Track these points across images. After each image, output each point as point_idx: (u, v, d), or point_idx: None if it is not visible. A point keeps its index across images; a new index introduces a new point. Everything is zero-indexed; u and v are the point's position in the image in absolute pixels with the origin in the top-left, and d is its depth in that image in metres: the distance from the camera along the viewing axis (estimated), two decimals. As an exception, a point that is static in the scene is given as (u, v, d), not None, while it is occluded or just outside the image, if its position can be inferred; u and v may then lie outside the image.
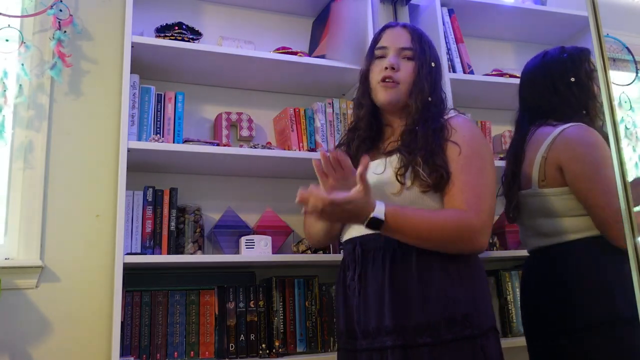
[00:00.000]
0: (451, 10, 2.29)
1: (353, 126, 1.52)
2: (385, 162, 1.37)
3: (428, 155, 1.32)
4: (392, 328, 1.26)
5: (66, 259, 1.80)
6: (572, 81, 1.56)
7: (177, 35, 1.88)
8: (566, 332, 1.46)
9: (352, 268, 1.37)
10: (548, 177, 1.51)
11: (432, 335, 1.24)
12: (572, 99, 1.56)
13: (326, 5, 2.24)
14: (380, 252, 1.33)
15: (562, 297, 1.48)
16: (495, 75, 2.30)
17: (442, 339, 1.23)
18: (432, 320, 1.25)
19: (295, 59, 2.00)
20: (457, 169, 1.32)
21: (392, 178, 1.34)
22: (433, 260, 1.29)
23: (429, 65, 1.43)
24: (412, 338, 1.24)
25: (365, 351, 1.30)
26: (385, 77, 1.41)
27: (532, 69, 1.67)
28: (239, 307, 1.81)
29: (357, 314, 1.33)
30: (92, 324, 1.78)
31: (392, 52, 1.44)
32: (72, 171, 1.87)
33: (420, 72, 1.42)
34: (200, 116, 2.10)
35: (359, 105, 1.50)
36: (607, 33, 1.30)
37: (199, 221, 1.87)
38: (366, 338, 1.30)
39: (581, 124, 1.52)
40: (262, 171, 2.06)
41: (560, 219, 1.51)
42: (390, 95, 1.42)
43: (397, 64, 1.42)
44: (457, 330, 1.24)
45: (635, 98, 2.63)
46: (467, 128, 1.38)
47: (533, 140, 1.58)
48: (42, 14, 1.90)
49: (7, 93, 1.82)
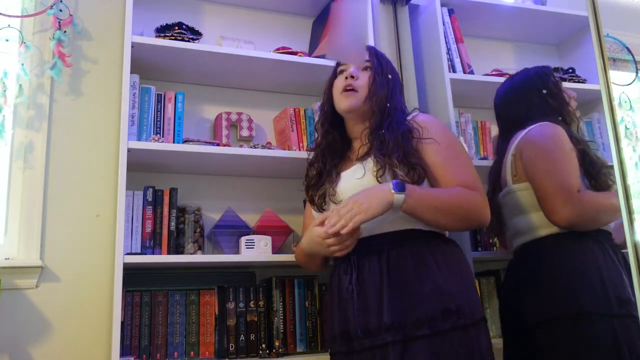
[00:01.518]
0: (451, 10, 2.28)
1: (321, 144, 1.61)
2: (364, 167, 1.45)
3: (402, 155, 1.41)
4: (391, 324, 1.31)
5: (66, 259, 1.80)
6: (545, 93, 1.70)
7: (177, 35, 1.88)
8: (535, 327, 1.52)
9: (349, 273, 1.42)
10: (518, 172, 1.61)
11: (430, 327, 1.29)
12: (548, 108, 1.68)
13: (326, 5, 2.24)
14: (376, 256, 1.39)
15: (532, 294, 1.55)
16: (495, 75, 2.30)
17: (440, 329, 1.29)
18: (430, 312, 1.31)
19: (295, 59, 2.00)
20: (445, 159, 1.43)
21: (372, 180, 1.41)
22: (427, 256, 1.37)
23: (386, 76, 1.55)
24: (411, 331, 1.29)
25: (367, 350, 1.34)
26: (346, 86, 1.54)
27: (504, 92, 1.80)
28: (239, 307, 1.81)
29: (357, 315, 1.37)
30: (92, 324, 1.78)
31: (351, 67, 1.57)
32: (72, 171, 1.87)
33: (375, 80, 1.53)
34: (200, 116, 2.10)
35: (324, 114, 1.62)
36: (607, 33, 1.30)
37: (199, 221, 1.87)
38: (368, 337, 1.34)
39: (547, 123, 1.61)
40: (262, 171, 2.06)
41: (530, 214, 1.59)
42: (351, 101, 1.53)
43: (357, 74, 1.54)
44: (453, 320, 1.30)
45: (635, 98, 2.63)
46: (434, 123, 1.50)
47: (509, 146, 1.68)
48: (42, 14, 1.90)
49: (7, 93, 1.82)
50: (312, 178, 1.58)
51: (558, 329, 1.47)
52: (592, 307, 1.45)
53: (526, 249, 1.62)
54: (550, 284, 1.51)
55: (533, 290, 1.54)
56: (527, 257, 1.61)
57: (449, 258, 1.40)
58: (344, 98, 1.54)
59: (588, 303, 1.45)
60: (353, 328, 1.37)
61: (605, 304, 1.44)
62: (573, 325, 1.45)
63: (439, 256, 1.38)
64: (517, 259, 1.67)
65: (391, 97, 1.53)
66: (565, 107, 1.70)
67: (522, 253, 1.64)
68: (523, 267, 1.62)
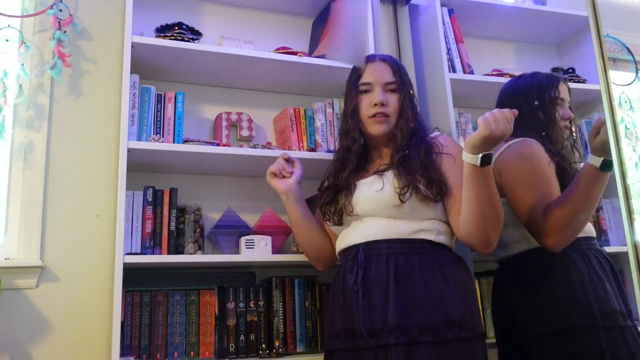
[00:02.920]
0: (451, 10, 2.28)
1: (344, 157, 1.61)
2: (383, 181, 1.48)
3: (425, 172, 1.45)
4: (396, 326, 1.33)
5: (66, 259, 1.80)
6: (536, 104, 1.67)
7: (177, 35, 1.88)
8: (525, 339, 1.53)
9: (354, 272, 1.44)
10: (499, 187, 1.55)
11: (433, 334, 1.33)
12: (533, 122, 1.66)
13: (326, 5, 2.24)
14: (384, 257, 1.43)
15: (520, 307, 1.56)
16: (495, 75, 2.30)
17: (443, 339, 1.33)
18: (434, 321, 1.34)
19: (295, 59, 2.00)
20: (459, 173, 1.42)
21: (392, 196, 1.44)
22: (434, 266, 1.42)
23: (410, 94, 1.59)
24: (414, 336, 1.32)
25: (371, 349, 1.36)
26: (377, 113, 1.54)
27: (503, 92, 1.79)
28: (239, 307, 1.81)
29: (363, 314, 1.39)
30: (92, 324, 1.78)
31: (378, 88, 1.56)
32: (72, 171, 1.87)
33: (404, 103, 1.56)
34: (200, 116, 2.10)
35: (351, 139, 1.59)
36: (607, 33, 1.30)
37: (199, 221, 1.87)
38: (372, 337, 1.36)
39: (526, 139, 1.59)
40: (262, 171, 2.04)
41: (511, 229, 1.57)
42: (383, 128, 1.55)
43: (385, 99, 1.55)
44: (456, 332, 1.34)
45: (635, 98, 2.62)
46: (452, 142, 1.56)
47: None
48: (42, 14, 1.90)
49: (7, 93, 1.82)
50: (327, 196, 1.59)
51: (547, 345, 1.48)
52: (576, 322, 1.45)
53: (511, 263, 1.63)
54: (536, 300, 1.52)
55: (521, 304, 1.56)
56: (511, 272, 1.62)
57: (455, 271, 1.44)
58: (375, 124, 1.55)
59: (573, 318, 1.45)
60: (358, 327, 1.39)
61: (590, 318, 1.45)
62: (559, 340, 1.46)
63: (445, 268, 1.42)
64: (503, 272, 1.68)
65: (415, 116, 1.58)
66: (552, 125, 1.66)
67: (507, 266, 1.65)
68: (508, 281, 1.63)
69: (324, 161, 1.82)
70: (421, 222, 1.46)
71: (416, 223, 1.45)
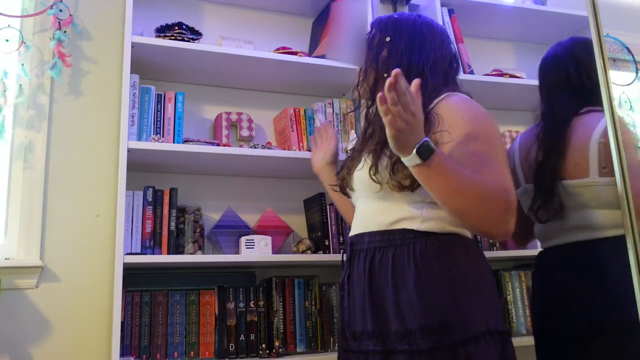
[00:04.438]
0: (451, 10, 2.28)
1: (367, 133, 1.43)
2: (364, 158, 1.33)
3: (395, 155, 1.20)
4: (372, 332, 1.25)
5: (66, 259, 1.80)
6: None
7: (177, 35, 1.88)
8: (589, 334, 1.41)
9: (344, 268, 1.38)
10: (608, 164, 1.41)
11: (409, 342, 1.18)
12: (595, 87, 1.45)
13: (326, 5, 2.24)
14: (364, 253, 1.30)
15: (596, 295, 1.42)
16: (495, 75, 2.30)
17: (419, 347, 1.16)
18: (408, 327, 1.19)
19: (295, 59, 2.00)
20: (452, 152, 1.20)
21: (366, 176, 1.30)
22: (409, 261, 1.23)
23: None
24: (391, 344, 1.21)
25: (354, 353, 1.30)
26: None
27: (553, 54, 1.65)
28: (239, 307, 1.81)
29: (347, 315, 1.33)
30: (92, 324, 1.78)
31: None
32: (72, 171, 1.87)
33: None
34: (200, 116, 2.10)
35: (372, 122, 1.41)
36: (607, 33, 1.30)
37: (199, 221, 1.87)
38: (355, 340, 1.30)
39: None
40: (262, 171, 2.06)
41: (603, 210, 1.45)
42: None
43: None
44: (435, 339, 1.16)
45: (635, 98, 2.62)
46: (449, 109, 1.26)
47: (579, 126, 1.52)
48: (42, 14, 1.90)
49: (7, 93, 1.82)
50: (344, 161, 1.48)
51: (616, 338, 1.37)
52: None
53: (587, 247, 1.47)
54: (609, 289, 1.39)
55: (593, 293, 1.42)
56: (586, 256, 1.47)
57: (439, 263, 1.22)
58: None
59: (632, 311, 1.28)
60: (346, 327, 1.33)
61: None
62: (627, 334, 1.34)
63: (425, 262, 1.21)
64: (573, 256, 1.51)
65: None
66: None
67: (580, 250, 1.49)
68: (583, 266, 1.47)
69: (324, 161, 1.82)
70: (405, 208, 1.26)
71: (398, 211, 1.27)
